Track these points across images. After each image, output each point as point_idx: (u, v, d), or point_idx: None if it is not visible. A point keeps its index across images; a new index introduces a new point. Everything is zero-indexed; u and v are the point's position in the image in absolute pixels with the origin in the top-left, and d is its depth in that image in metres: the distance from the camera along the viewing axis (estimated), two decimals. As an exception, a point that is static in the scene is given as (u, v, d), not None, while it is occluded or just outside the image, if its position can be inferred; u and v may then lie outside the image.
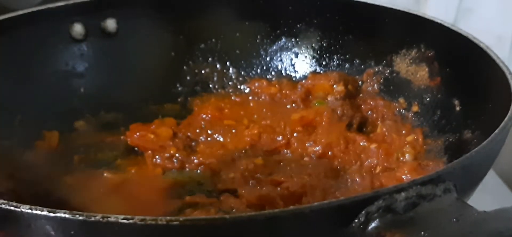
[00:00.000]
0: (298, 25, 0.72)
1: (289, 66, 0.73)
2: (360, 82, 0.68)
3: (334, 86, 0.66)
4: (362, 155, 0.60)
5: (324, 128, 0.62)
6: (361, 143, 0.60)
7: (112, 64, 0.70)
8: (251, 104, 0.69)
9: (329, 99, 0.66)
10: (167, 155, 0.62)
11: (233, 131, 0.66)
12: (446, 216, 0.35)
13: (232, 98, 0.70)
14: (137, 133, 0.64)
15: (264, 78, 0.72)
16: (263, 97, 0.70)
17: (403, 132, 0.62)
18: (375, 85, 0.67)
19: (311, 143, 0.62)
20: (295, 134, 0.63)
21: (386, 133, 0.62)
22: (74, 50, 0.68)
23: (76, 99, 0.68)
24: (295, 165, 0.60)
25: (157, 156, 0.62)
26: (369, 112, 0.66)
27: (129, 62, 0.70)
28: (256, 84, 0.70)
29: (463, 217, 0.34)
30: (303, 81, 0.69)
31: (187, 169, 0.61)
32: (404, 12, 0.65)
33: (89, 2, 0.68)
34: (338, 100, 0.65)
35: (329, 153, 0.61)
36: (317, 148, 0.61)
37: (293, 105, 0.68)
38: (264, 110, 0.68)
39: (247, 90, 0.71)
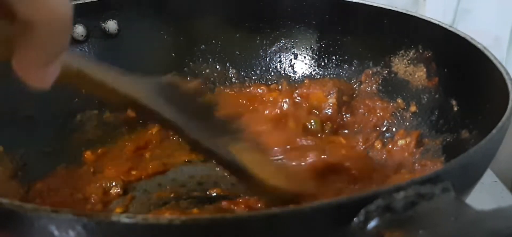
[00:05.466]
0: (297, 26, 0.72)
1: (288, 67, 0.73)
2: (359, 83, 0.69)
3: (328, 97, 0.66)
4: None
5: None
6: None
7: (113, 65, 0.69)
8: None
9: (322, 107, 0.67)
10: None
11: None
12: (444, 215, 0.35)
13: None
14: None
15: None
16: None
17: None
18: (374, 85, 0.68)
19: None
20: None
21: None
22: (75, 51, 0.68)
23: (76, 99, 0.68)
24: None
25: None
26: (366, 114, 0.66)
27: (129, 63, 0.69)
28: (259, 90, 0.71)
29: (461, 216, 0.34)
30: (299, 90, 0.69)
31: None
32: (402, 13, 0.65)
33: (91, 3, 0.68)
34: (330, 108, 0.66)
35: None
36: None
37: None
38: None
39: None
